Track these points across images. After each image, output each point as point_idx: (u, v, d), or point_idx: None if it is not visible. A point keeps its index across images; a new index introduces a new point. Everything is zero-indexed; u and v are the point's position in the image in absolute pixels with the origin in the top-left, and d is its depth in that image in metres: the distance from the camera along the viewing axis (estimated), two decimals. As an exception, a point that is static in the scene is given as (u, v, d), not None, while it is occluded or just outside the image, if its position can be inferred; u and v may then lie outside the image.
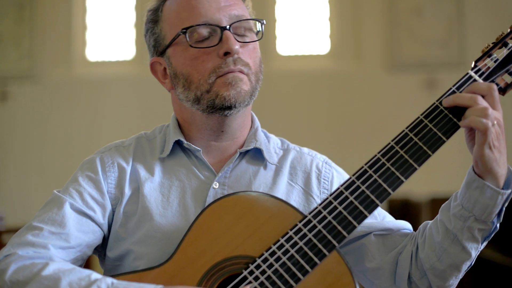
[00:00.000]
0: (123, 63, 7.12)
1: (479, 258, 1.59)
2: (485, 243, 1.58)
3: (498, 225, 1.54)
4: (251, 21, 1.67)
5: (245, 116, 1.72)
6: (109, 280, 1.40)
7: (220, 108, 1.63)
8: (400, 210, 5.85)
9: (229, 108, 1.63)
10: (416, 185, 6.19)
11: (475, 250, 1.56)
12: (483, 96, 1.45)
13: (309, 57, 7.13)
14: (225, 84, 1.60)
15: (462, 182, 1.51)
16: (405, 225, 1.73)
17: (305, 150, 1.81)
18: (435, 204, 4.93)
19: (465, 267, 1.59)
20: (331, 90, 6.83)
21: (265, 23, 1.69)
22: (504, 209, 1.51)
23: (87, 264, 1.63)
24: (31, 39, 6.96)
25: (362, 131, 6.64)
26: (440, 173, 6.44)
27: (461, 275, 1.62)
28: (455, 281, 1.63)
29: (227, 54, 1.60)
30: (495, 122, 1.42)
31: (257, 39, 1.68)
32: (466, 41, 6.70)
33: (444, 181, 6.41)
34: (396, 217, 1.74)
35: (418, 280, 1.64)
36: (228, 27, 1.61)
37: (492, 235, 1.58)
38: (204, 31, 1.62)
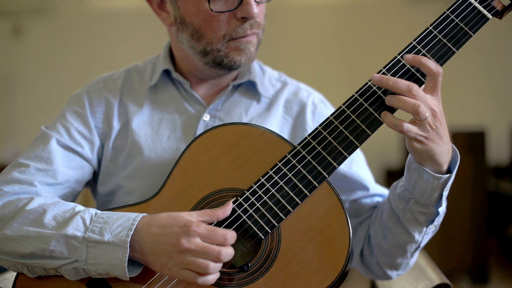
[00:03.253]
0: (137, -5, 7.01)
1: (495, 193, 1.54)
2: (433, 227, 1.53)
3: (440, 211, 1.47)
4: None
5: None
6: (93, 210, 1.38)
7: (226, 68, 1.59)
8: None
9: (236, 69, 1.59)
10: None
11: (418, 233, 1.51)
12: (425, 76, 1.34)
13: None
14: (237, 48, 1.54)
15: None
16: (381, 194, 1.68)
17: (302, 85, 1.76)
18: (452, 138, 4.80)
19: (410, 248, 1.55)
20: (350, 23, 6.68)
21: None
22: (445, 194, 1.43)
23: (86, 200, 1.61)
24: (44, -28, 6.88)
25: (380, 64, 6.51)
26: (458, 107, 6.36)
27: (410, 256, 1.58)
28: (403, 261, 1.59)
29: (244, 17, 1.52)
30: (428, 114, 1.31)
31: None
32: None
33: (462, 114, 6.34)
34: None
35: (368, 255, 1.62)
36: None
37: (441, 220, 1.53)
38: None
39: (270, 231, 1.36)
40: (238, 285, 1.35)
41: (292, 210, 1.36)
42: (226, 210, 1.35)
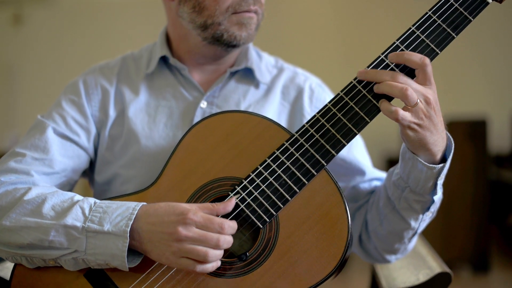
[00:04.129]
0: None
1: (497, 181, 1.53)
2: (430, 214, 1.52)
3: (435, 199, 1.46)
4: None
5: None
6: (92, 200, 1.37)
7: (225, 44, 1.57)
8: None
9: (235, 46, 1.58)
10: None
11: (414, 220, 1.51)
12: (414, 70, 1.32)
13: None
14: (239, 23, 1.54)
15: None
16: (380, 178, 1.67)
17: (299, 70, 1.75)
18: (453, 127, 4.80)
19: (407, 235, 1.55)
20: (349, 8, 6.64)
21: None
22: (439, 183, 1.42)
23: (86, 190, 1.60)
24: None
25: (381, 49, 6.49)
26: (459, 95, 6.34)
27: (407, 241, 1.58)
28: (401, 246, 1.59)
29: None
30: (419, 100, 1.30)
31: None
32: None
33: (463, 103, 6.32)
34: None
35: (366, 240, 1.62)
36: None
37: (437, 207, 1.52)
38: None
39: (268, 220, 1.35)
40: (236, 274, 1.34)
41: (290, 198, 1.35)
42: (228, 206, 1.33)
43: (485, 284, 4.87)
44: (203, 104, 1.60)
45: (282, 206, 1.35)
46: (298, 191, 1.35)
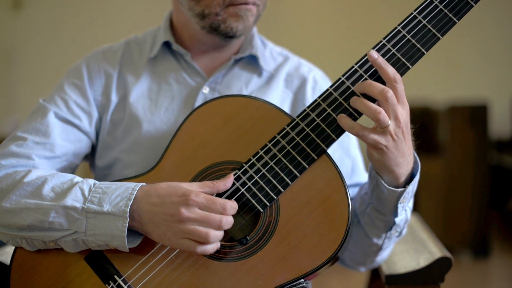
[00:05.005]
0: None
1: (498, 166, 1.52)
2: (396, 233, 1.50)
3: (397, 221, 1.45)
4: None
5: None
6: (91, 181, 1.38)
7: (223, 35, 1.57)
8: (418, 118, 5.78)
9: (232, 37, 1.57)
10: (435, 92, 6.11)
11: (377, 238, 1.50)
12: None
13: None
14: (235, 14, 1.52)
15: None
16: (361, 183, 1.64)
17: (304, 61, 1.74)
18: (454, 112, 4.81)
19: (372, 250, 1.54)
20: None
21: None
22: (399, 206, 1.41)
23: (87, 175, 1.60)
24: None
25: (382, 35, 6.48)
26: (460, 80, 6.34)
27: (373, 255, 1.56)
28: (368, 259, 1.58)
29: None
30: (387, 124, 1.28)
31: None
32: None
33: (464, 88, 6.32)
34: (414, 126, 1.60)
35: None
36: None
37: (402, 228, 1.50)
38: None
39: (268, 204, 1.35)
40: (237, 258, 1.34)
41: (290, 183, 1.35)
42: (227, 182, 1.34)
43: (485, 268, 4.89)
44: (205, 90, 1.60)
45: (282, 190, 1.35)
46: (298, 175, 1.35)
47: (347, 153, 1.65)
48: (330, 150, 1.37)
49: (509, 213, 6.14)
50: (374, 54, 1.32)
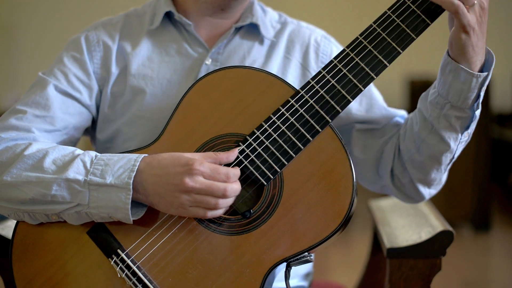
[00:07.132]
0: None
1: (499, 140, 1.51)
2: (467, 136, 1.50)
3: (477, 113, 1.44)
4: None
5: None
6: (93, 153, 1.37)
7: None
8: (421, 91, 5.75)
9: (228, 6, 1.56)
10: (437, 66, 6.10)
11: (454, 140, 1.48)
12: None
13: None
14: None
15: None
16: (397, 114, 1.64)
17: (303, 23, 1.72)
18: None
19: (445, 159, 1.51)
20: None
21: None
22: (481, 95, 1.40)
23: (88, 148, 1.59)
24: None
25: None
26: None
27: (443, 169, 1.55)
28: (437, 175, 1.55)
29: None
30: (474, 2, 1.29)
31: None
32: None
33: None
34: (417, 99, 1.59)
35: (400, 174, 1.58)
36: None
37: (474, 126, 1.50)
38: None
39: (272, 177, 1.34)
40: (240, 231, 1.34)
41: (294, 155, 1.34)
42: (230, 156, 1.33)
43: (486, 242, 4.90)
44: (208, 61, 1.58)
45: (286, 163, 1.34)
46: (302, 147, 1.34)
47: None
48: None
49: (510, 187, 6.14)
50: None
